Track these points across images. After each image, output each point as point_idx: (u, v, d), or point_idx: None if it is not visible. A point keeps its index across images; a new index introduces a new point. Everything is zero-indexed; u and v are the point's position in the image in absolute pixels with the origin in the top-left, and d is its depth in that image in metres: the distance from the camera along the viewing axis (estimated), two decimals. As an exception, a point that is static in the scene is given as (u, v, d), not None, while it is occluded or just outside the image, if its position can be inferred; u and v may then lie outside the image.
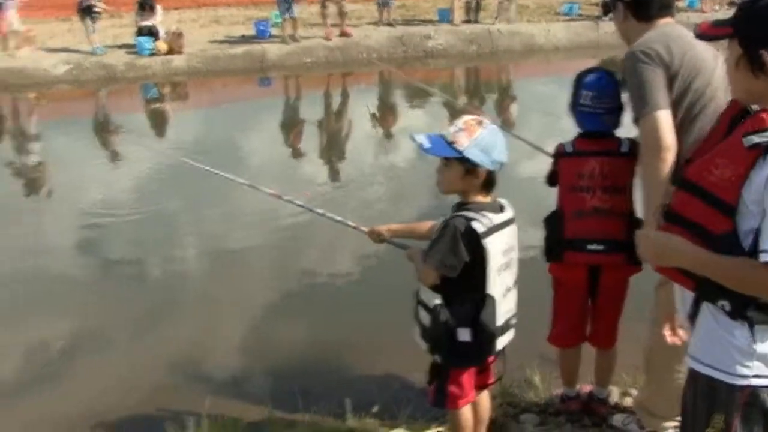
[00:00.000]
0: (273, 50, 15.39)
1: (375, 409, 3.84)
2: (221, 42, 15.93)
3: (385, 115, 11.68)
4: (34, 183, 9.20)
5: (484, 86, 14.93)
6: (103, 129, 11.62)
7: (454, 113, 10.96)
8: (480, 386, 3.11)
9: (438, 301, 2.82)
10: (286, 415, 3.94)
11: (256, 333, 5.18)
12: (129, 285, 6.12)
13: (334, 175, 8.97)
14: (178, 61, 14.85)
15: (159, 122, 12.01)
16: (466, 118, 2.86)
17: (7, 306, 5.74)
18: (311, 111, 11.76)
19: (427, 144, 2.81)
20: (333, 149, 10.21)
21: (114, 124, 11.85)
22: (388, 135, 10.68)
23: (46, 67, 14.34)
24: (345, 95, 13.92)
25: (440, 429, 3.68)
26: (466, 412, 3.10)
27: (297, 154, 10.00)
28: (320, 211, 3.56)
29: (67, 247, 6.88)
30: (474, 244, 2.72)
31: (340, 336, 4.97)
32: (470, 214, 2.76)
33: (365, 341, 4.85)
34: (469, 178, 2.81)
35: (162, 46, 14.87)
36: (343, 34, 16.03)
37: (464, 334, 2.81)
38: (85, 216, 7.66)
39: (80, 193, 8.39)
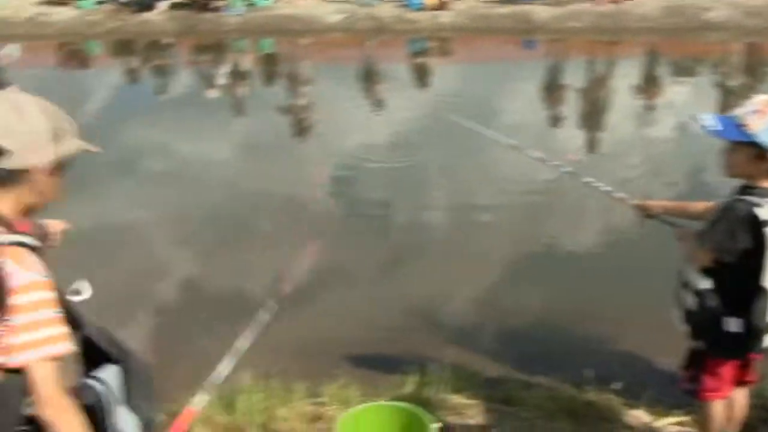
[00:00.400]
0: (540, 12, 15.14)
1: (616, 385, 3.77)
2: (488, 0, 15.91)
3: (650, 87, 11.15)
4: (302, 123, 9.82)
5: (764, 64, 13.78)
6: (369, 77, 12.07)
7: (725, 92, 10.32)
8: (738, 382, 2.96)
9: (707, 285, 2.70)
10: (524, 376, 3.99)
11: (498, 290, 5.24)
12: (378, 228, 6.44)
13: (591, 144, 8.74)
14: (445, 17, 15.02)
15: (422, 75, 12.27)
16: (762, 97, 2.68)
17: (265, 232, 6.26)
18: (574, 76, 11.47)
19: (716, 126, 2.67)
20: (592, 118, 9.93)
21: (380, 73, 12.27)
22: (652, 108, 10.21)
23: (321, 15, 15.10)
24: (611, 63, 13.43)
25: (683, 419, 3.55)
26: (718, 406, 2.97)
27: (555, 119, 9.83)
28: (587, 179, 3.50)
29: (325, 185, 7.32)
30: (755, 231, 2.57)
31: (585, 306, 4.91)
32: (755, 200, 2.61)
33: (610, 315, 4.74)
34: (757, 162, 2.64)
35: (431, 1, 15.11)
36: (614, 1, 15.42)
37: (732, 324, 2.67)
38: (344, 158, 8.12)
39: (342, 136, 8.85)
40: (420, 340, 4.59)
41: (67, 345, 1.97)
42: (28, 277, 1.91)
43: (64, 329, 1.97)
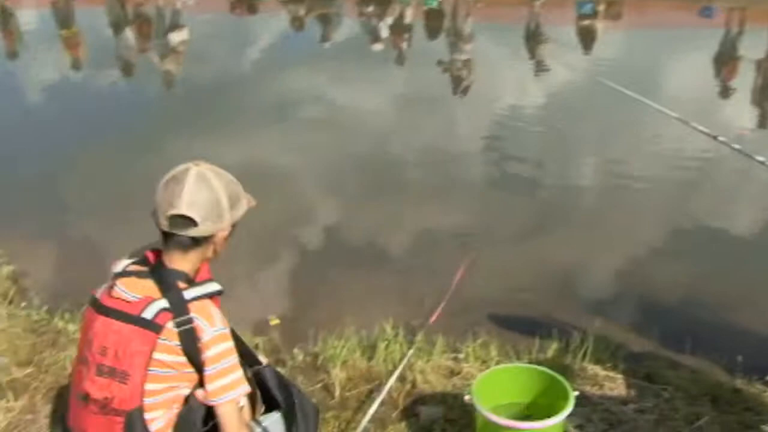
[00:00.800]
0: (722, -23, 14.27)
1: (768, 377, 3.59)
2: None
3: None
4: (459, 80, 9.78)
5: None
6: (532, 38, 11.85)
7: None
8: None
9: None
10: (670, 354, 3.88)
11: (645, 264, 5.08)
12: (525, 191, 6.36)
13: (762, 120, 8.25)
14: (618, -23, 14.44)
15: (587, 39, 11.90)
16: None
17: (411, 186, 6.34)
18: (753, 48, 10.79)
19: None
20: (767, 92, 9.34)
21: (544, 34, 12.00)
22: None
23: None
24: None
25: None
26: None
27: (725, 91, 9.33)
28: (760, 158, 3.31)
29: (472, 143, 7.30)
30: None
31: (739, 289, 4.71)
32: None
33: (765, 300, 4.52)
34: None
35: (603, -39, 14.53)
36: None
37: None
38: (497, 118, 8.04)
39: (498, 96, 8.75)
40: (562, 307, 4.53)
41: (246, 387, 2.33)
42: (214, 331, 2.23)
43: (242, 373, 2.31)
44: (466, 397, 2.95)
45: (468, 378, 3.57)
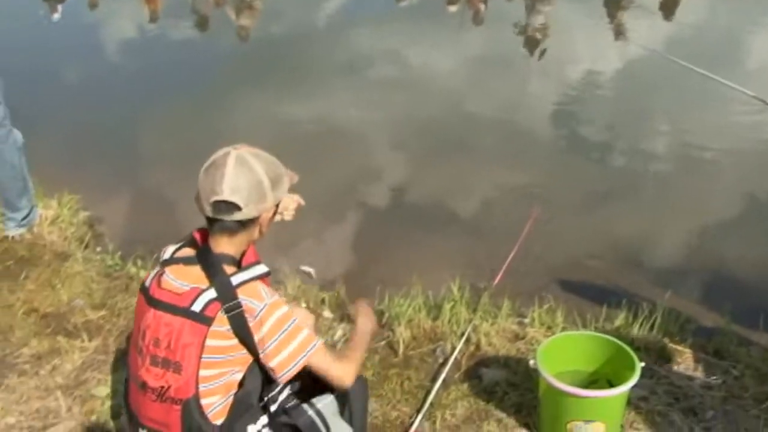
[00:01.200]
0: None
1: None
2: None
3: None
4: (534, 43, 9.60)
5: None
6: (613, 3, 11.53)
7: None
8: None
9: None
10: (741, 330, 3.76)
11: (717, 238, 4.97)
12: (591, 156, 6.26)
13: None
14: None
15: (670, 6, 11.54)
16: None
17: (479, 148, 6.30)
18: None
19: None
20: None
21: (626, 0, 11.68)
22: None
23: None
24: None
25: None
26: None
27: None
28: None
29: (544, 106, 7.18)
30: None
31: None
32: None
33: None
34: None
35: None
36: None
37: None
38: (568, 81, 7.89)
39: (572, 60, 8.57)
40: (630, 277, 4.49)
41: (317, 341, 2.35)
42: (264, 305, 2.23)
43: (307, 332, 2.32)
44: (531, 362, 2.94)
45: (532, 343, 3.57)
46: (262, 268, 2.34)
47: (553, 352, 3.02)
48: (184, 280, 2.29)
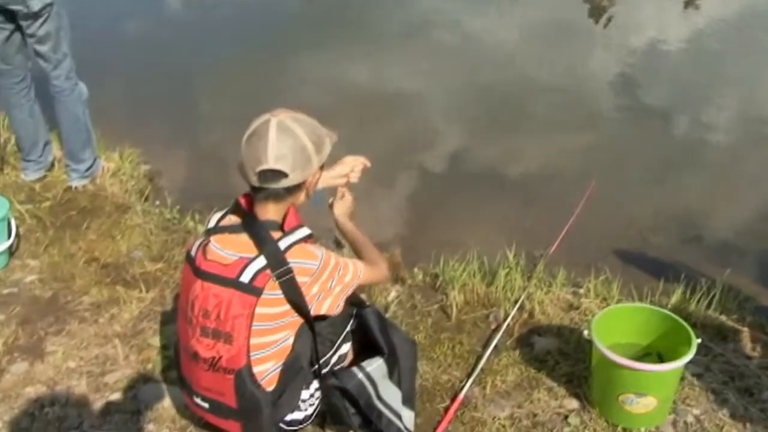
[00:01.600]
0: None
1: None
2: None
3: None
4: (600, 10, 9.36)
5: None
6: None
7: None
8: None
9: None
10: (804, 311, 3.69)
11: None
12: (653, 127, 6.13)
13: None
14: None
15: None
16: None
17: (537, 116, 6.23)
18: None
19: None
20: None
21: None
22: None
23: None
24: None
25: None
26: None
27: None
28: None
29: (606, 75, 7.06)
30: None
31: None
32: None
33: None
34: None
35: None
36: None
37: None
38: (633, 50, 7.73)
39: (638, 28, 8.38)
40: (690, 251, 4.43)
41: (357, 273, 2.44)
42: (317, 263, 2.29)
43: (351, 270, 2.43)
44: (585, 332, 2.91)
45: (586, 314, 3.54)
46: (305, 231, 2.35)
47: (608, 324, 2.98)
48: (230, 249, 2.29)
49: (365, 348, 2.65)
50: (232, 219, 2.39)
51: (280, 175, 2.25)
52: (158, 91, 6.73)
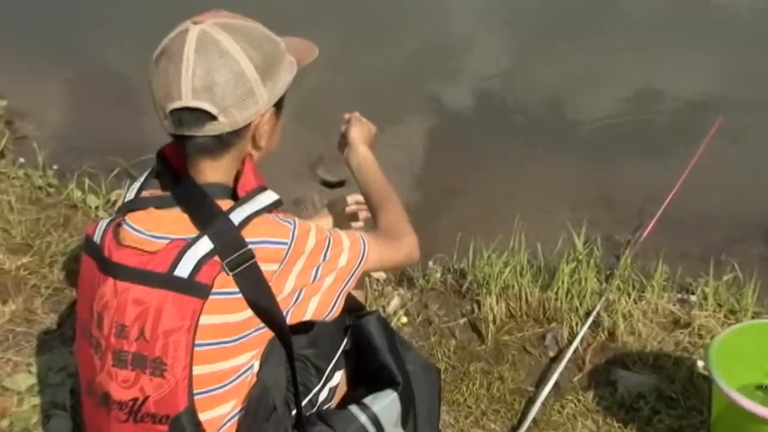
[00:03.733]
0: None
1: None
2: None
3: None
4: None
5: None
6: None
7: None
8: None
9: None
10: None
11: None
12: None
13: None
14: None
15: None
16: None
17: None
18: None
19: None
20: None
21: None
22: None
23: None
24: None
25: None
26: None
27: None
28: None
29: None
30: None
31: None
32: None
33: None
34: None
35: None
36: None
37: None
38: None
39: None
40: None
41: (361, 249, 2.38)
42: (289, 241, 2.22)
43: (347, 242, 2.37)
44: (700, 364, 2.89)
45: (702, 333, 3.49)
46: (269, 196, 2.20)
47: (737, 350, 2.91)
48: (156, 230, 2.16)
49: (363, 375, 2.64)
50: (156, 189, 2.32)
51: (203, 116, 2.13)
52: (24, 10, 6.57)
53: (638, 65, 5.75)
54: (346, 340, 2.65)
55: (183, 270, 2.09)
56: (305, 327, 2.38)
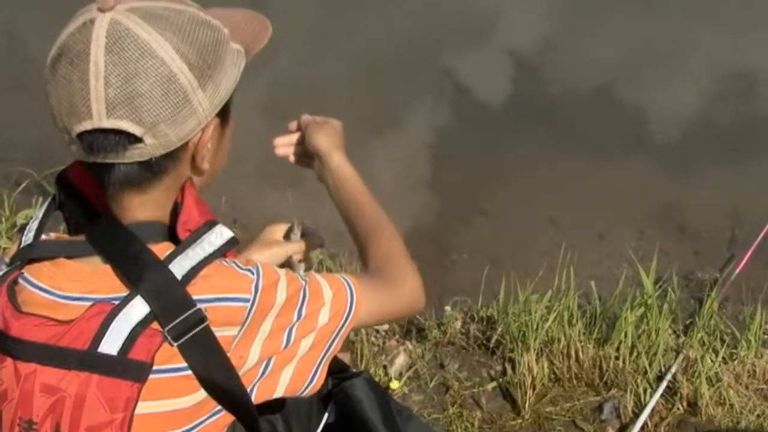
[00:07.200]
0: None
1: None
2: None
3: None
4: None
5: None
6: None
7: None
8: None
9: None
10: None
11: None
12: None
13: None
14: None
15: None
16: None
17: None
18: None
19: None
20: None
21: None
22: None
23: None
24: None
25: None
26: None
27: None
28: None
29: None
30: None
31: None
32: None
33: None
34: None
35: None
36: None
37: None
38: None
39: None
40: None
41: (348, 293, 2.30)
42: (253, 296, 2.15)
43: (329, 292, 2.31)
44: None
45: None
46: (221, 235, 2.15)
47: None
48: (70, 289, 2.10)
49: None
50: (71, 236, 2.29)
51: (124, 138, 2.08)
52: None
53: (723, 41, 5.80)
54: (327, 413, 2.65)
55: (111, 344, 2.02)
56: (276, 405, 2.39)
